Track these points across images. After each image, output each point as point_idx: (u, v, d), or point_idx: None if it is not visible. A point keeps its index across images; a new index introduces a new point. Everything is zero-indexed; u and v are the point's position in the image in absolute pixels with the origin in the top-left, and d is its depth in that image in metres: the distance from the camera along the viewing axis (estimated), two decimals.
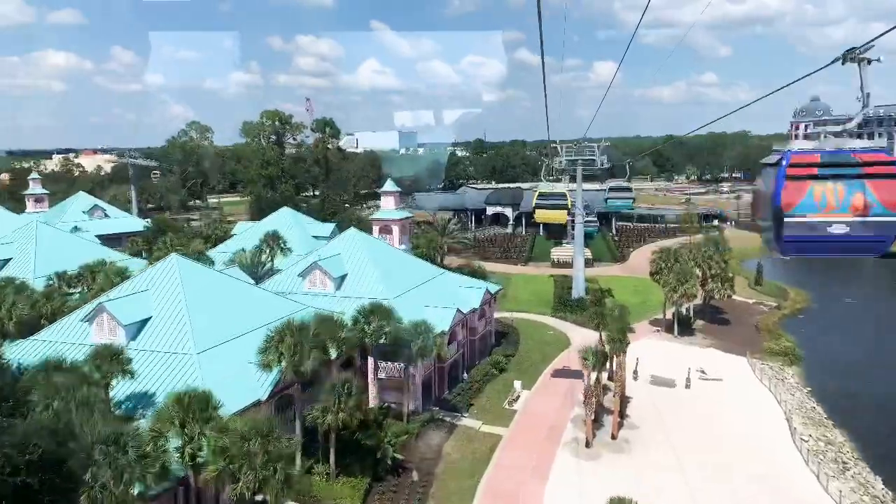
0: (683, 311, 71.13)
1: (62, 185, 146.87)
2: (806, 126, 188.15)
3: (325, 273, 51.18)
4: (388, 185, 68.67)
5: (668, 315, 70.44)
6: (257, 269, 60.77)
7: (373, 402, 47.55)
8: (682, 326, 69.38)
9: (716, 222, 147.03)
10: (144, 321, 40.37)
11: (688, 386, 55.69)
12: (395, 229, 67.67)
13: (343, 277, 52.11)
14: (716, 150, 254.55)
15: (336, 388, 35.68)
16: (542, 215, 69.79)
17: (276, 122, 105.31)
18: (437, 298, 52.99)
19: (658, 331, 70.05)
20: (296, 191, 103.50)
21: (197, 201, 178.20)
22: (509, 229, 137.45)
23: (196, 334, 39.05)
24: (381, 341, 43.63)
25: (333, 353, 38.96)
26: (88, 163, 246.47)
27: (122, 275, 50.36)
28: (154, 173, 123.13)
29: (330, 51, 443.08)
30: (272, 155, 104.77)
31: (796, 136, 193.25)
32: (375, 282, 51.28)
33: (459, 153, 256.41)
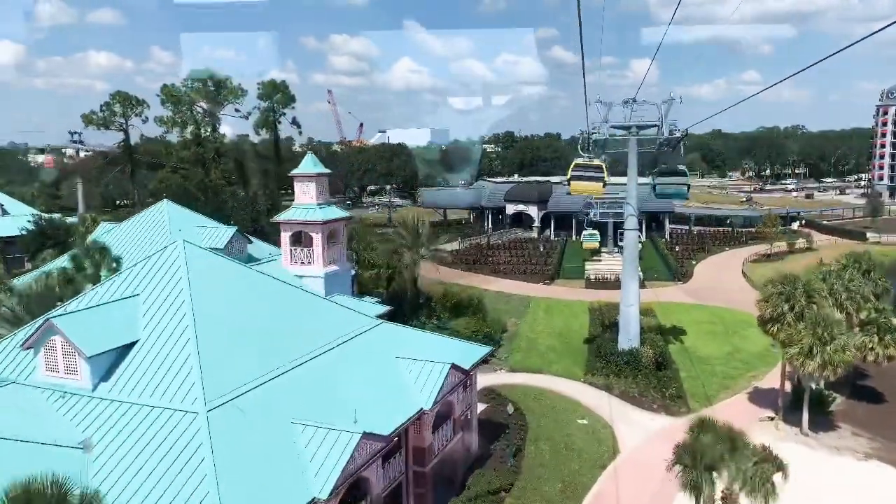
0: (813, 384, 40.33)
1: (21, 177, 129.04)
2: None
3: (71, 345, 22.27)
4: (307, 165, 39.63)
5: (785, 384, 40.04)
6: (50, 306, 32.31)
7: None
8: (813, 409, 38.74)
9: (795, 225, 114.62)
10: None
11: None
12: (317, 238, 38.68)
13: (123, 353, 23.13)
14: (773, 144, 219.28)
15: None
16: (577, 187, 50.88)
17: (209, 85, 77.25)
18: (332, 397, 23.83)
19: (771, 418, 39.42)
20: (238, 179, 76.24)
21: None
22: (534, 233, 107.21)
23: None
24: None
25: None
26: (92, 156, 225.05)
27: None
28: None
29: (364, 50, 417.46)
30: (206, 131, 76.71)
31: (885, 123, 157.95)
32: (187, 364, 22.20)
33: (490, 148, 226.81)
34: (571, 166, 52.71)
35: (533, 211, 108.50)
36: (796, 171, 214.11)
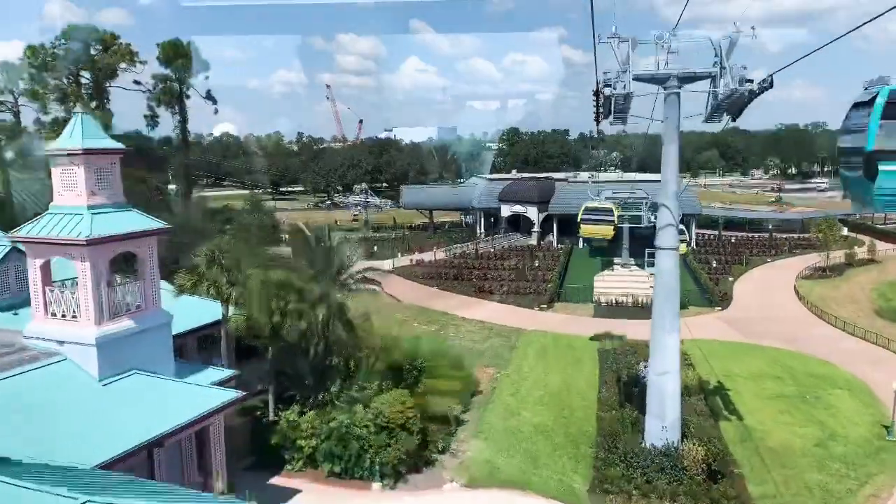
0: None
1: None
2: None
3: None
4: (71, 136, 21.12)
5: None
6: None
7: None
8: None
9: (845, 230, 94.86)
10: None
11: None
12: (83, 272, 20.15)
13: None
14: (801, 140, 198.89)
15: None
16: (588, 230, 49.85)
17: (92, 47, 58.09)
18: None
19: None
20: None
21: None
22: (533, 238, 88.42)
23: None
24: None
25: None
26: None
27: None
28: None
29: (371, 49, 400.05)
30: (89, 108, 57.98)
31: None
32: None
33: (494, 146, 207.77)
34: (582, 209, 50.15)
35: (532, 213, 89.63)
36: (825, 169, 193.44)
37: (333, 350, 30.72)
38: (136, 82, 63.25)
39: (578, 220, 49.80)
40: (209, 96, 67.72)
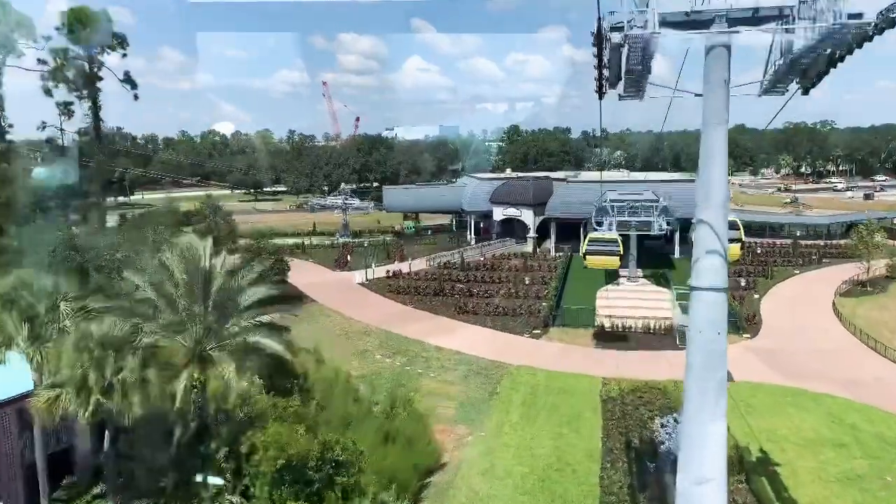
0: None
1: None
2: None
3: None
4: None
5: None
6: None
7: None
8: None
9: (878, 237, 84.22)
10: None
11: None
12: None
13: None
14: (815, 138, 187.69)
15: None
16: (593, 262, 45.74)
17: None
18: None
19: None
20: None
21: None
22: (528, 245, 78.13)
23: None
24: None
25: None
26: None
27: None
28: None
29: (372, 48, 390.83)
30: None
31: None
32: None
33: (494, 145, 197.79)
34: (586, 240, 49.01)
35: (527, 216, 79.25)
36: (840, 168, 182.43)
37: (211, 435, 20.56)
38: (41, 61, 52.71)
39: (582, 253, 48.79)
40: (128, 79, 56.65)
